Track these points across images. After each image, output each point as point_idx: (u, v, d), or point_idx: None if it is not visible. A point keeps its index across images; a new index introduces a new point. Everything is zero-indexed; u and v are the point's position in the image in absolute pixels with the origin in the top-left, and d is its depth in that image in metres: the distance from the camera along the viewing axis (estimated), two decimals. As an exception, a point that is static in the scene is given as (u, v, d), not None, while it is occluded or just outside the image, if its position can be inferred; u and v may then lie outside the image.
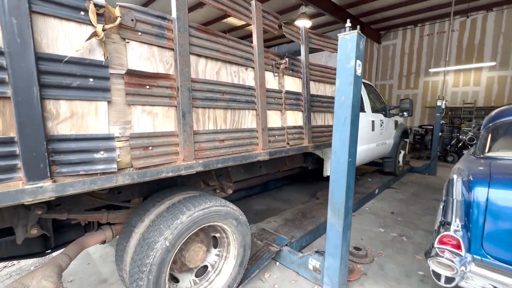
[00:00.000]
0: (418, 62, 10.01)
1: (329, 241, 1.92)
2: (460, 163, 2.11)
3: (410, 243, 2.87)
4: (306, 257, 2.18)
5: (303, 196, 4.43)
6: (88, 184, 1.10)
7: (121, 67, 1.22)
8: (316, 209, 3.53)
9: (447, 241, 1.59)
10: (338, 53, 1.71)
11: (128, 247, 1.62)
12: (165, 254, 1.47)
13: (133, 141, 1.25)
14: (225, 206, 1.79)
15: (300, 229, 2.84)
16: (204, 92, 1.57)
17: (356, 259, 2.47)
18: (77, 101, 1.08)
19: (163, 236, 1.48)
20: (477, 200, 1.64)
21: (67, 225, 1.88)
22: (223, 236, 1.94)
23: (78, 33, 1.07)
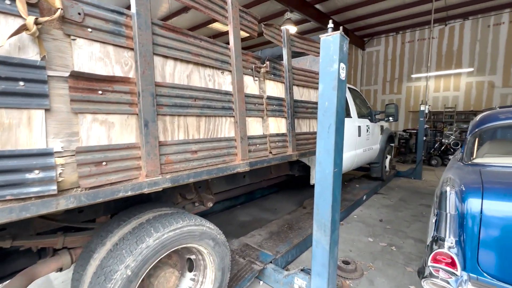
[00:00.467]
0: (400, 68, 10.29)
1: (316, 259, 1.77)
2: (450, 172, 2.01)
3: (400, 254, 2.77)
4: (292, 276, 2.03)
5: (290, 204, 4.28)
6: (16, 212, 0.89)
7: (65, 69, 1.02)
8: (303, 219, 3.39)
9: (442, 258, 1.49)
10: (321, 55, 1.59)
11: (85, 277, 1.39)
12: (125, 286, 1.26)
13: (81, 156, 1.04)
14: (200, 225, 1.60)
15: (285, 243, 2.68)
16: (173, 97, 1.39)
17: (345, 274, 2.34)
18: (1, 109, 0.87)
19: (124, 264, 1.27)
20: (471, 212, 1.53)
21: (15, 252, 1.62)
22: (199, 259, 1.73)
23: (2, 26, 0.87)
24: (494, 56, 8.24)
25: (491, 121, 2.32)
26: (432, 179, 6.20)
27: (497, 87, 8.29)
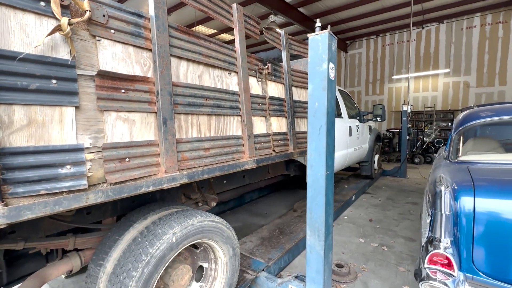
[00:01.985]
0: (382, 69, 10.76)
1: (310, 266, 1.72)
2: (440, 170, 2.00)
3: (392, 253, 2.80)
4: (286, 284, 1.94)
5: (280, 208, 4.25)
6: (51, 206, 0.91)
7: (91, 68, 1.06)
8: (294, 223, 3.37)
9: (438, 260, 1.46)
10: (309, 55, 1.57)
11: (103, 272, 1.40)
12: (146, 279, 1.29)
13: (107, 153, 1.08)
14: (218, 222, 1.65)
15: (277, 249, 2.61)
16: (187, 97, 1.45)
17: (339, 278, 2.31)
18: (36, 106, 0.90)
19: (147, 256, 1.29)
20: (464, 211, 1.51)
21: (24, 255, 1.59)
22: (211, 268, 1.77)
23: (38, 27, 0.90)
24: (468, 57, 8.80)
25: (474, 119, 2.39)
26: (417, 177, 6.42)
27: (472, 87, 8.85)
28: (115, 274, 1.28)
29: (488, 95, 8.62)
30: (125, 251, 1.34)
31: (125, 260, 1.30)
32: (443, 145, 4.08)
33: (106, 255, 1.38)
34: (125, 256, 1.31)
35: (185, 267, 1.61)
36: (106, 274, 1.34)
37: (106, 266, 1.34)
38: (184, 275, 1.60)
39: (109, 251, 1.38)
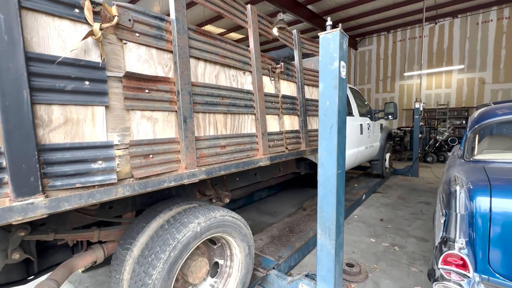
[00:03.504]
0: (393, 66, 10.55)
1: (321, 264, 1.72)
2: (455, 170, 1.96)
3: (403, 253, 2.75)
4: (296, 282, 1.93)
5: (289, 207, 4.24)
6: (85, 198, 0.98)
7: (119, 70, 1.13)
8: (304, 221, 3.36)
9: (452, 260, 1.44)
10: (320, 53, 1.56)
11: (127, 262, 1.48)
12: (169, 268, 1.35)
13: (133, 149, 1.15)
14: (233, 217, 1.71)
15: (287, 247, 2.61)
16: (204, 96, 1.50)
17: (350, 277, 2.29)
18: (71, 106, 0.97)
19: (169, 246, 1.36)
20: (480, 211, 1.48)
21: (52, 247, 1.69)
22: (226, 265, 1.84)
23: (72, 32, 0.97)
24: (483, 53, 8.52)
25: (490, 117, 2.32)
26: (429, 176, 6.26)
27: (487, 83, 8.57)
28: (143, 257, 1.36)
29: (505, 92, 8.34)
30: (152, 236, 1.43)
31: (153, 243, 1.38)
32: (457, 144, 3.97)
33: (133, 240, 1.46)
34: (153, 240, 1.40)
35: (203, 260, 1.67)
36: (133, 258, 1.42)
37: (133, 250, 1.42)
38: (201, 267, 1.67)
39: (136, 236, 1.46)
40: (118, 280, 1.47)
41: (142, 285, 1.30)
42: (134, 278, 1.35)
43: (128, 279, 1.43)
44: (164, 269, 1.30)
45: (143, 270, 1.33)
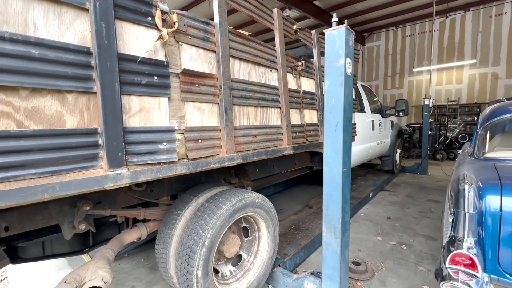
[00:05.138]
0: (402, 62, 10.48)
1: (326, 263, 1.71)
2: (464, 168, 1.94)
3: (411, 252, 2.72)
4: (301, 280, 1.96)
5: (295, 204, 4.24)
6: (154, 173, 1.20)
7: (176, 67, 1.34)
8: (309, 219, 3.39)
9: (460, 260, 1.42)
10: (326, 50, 1.56)
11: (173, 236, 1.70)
12: (213, 240, 1.57)
13: (188, 134, 1.36)
14: (256, 197, 1.92)
15: (293, 245, 2.62)
16: (240, 90, 1.71)
17: (356, 276, 2.28)
18: (144, 96, 1.19)
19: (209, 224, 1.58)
20: (490, 210, 1.47)
21: (103, 224, 1.93)
22: (248, 261, 2.05)
23: (146, 36, 1.19)
24: (497, 47, 8.34)
25: (502, 113, 2.26)
26: (438, 174, 6.22)
27: (501, 78, 8.41)
28: (192, 222, 1.59)
29: (520, 88, 8.24)
30: (197, 211, 1.65)
31: (196, 219, 1.60)
32: (467, 141, 3.95)
33: (177, 216, 1.68)
34: (196, 215, 1.62)
35: (235, 237, 1.88)
36: (177, 235, 1.64)
37: (176, 227, 1.64)
38: (234, 244, 1.88)
39: (180, 212, 1.68)
40: (165, 256, 1.69)
41: (189, 258, 1.51)
42: (180, 253, 1.57)
43: (174, 255, 1.65)
44: (208, 238, 1.51)
45: (188, 246, 1.54)
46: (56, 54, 0.92)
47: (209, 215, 1.56)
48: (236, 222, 2.02)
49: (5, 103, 0.85)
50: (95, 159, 1.04)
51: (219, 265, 1.95)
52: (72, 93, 0.98)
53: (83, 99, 1.01)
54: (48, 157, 0.91)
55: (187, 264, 1.48)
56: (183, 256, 1.51)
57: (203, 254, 1.49)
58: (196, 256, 1.47)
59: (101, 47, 1.00)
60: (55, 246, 1.66)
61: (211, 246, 1.54)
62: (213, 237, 1.54)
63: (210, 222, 1.53)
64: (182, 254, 1.52)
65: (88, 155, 1.02)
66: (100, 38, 1.00)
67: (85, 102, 1.02)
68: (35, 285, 2.35)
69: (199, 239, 1.50)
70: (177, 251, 1.58)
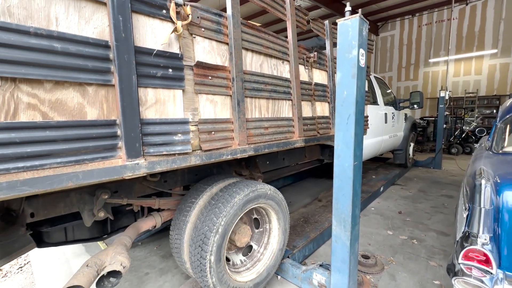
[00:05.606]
0: (417, 52, 10.08)
1: (335, 255, 1.72)
2: (481, 162, 1.90)
3: (422, 247, 2.68)
4: (310, 271, 1.98)
5: (304, 197, 4.24)
6: (170, 163, 1.24)
7: (190, 60, 1.36)
8: (319, 212, 3.40)
9: (474, 256, 1.40)
10: (338, 41, 1.52)
11: (188, 223, 1.76)
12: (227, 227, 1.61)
13: (201, 126, 1.39)
14: (268, 189, 1.94)
15: (302, 237, 2.66)
16: (252, 83, 1.71)
17: (365, 269, 2.27)
18: (160, 89, 1.22)
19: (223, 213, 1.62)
20: (507, 206, 1.44)
21: (121, 212, 2.01)
22: (258, 251, 2.10)
23: (161, 29, 1.20)
24: None
25: None
26: (453, 169, 6.04)
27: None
28: (207, 210, 1.64)
29: (543, 79, 7.82)
30: (211, 199, 1.70)
31: (210, 207, 1.65)
32: (485, 135, 3.83)
33: (192, 204, 1.74)
34: (210, 203, 1.67)
35: (247, 227, 1.92)
36: (191, 222, 1.70)
37: (191, 214, 1.70)
38: (246, 234, 1.92)
39: (194, 201, 1.74)
40: (179, 242, 1.75)
41: (203, 243, 1.57)
42: (194, 238, 1.62)
43: (188, 240, 1.71)
44: (222, 226, 1.56)
45: (202, 232, 1.58)
46: (77, 47, 0.95)
47: (223, 204, 1.60)
48: (248, 213, 2.06)
49: (32, 95, 0.89)
50: (114, 149, 1.08)
51: (230, 254, 2.00)
52: (92, 85, 1.02)
53: (102, 91, 1.05)
54: (72, 147, 0.96)
55: (201, 250, 1.53)
56: (197, 242, 1.56)
57: (216, 241, 1.53)
58: (210, 242, 1.51)
59: (118, 40, 1.02)
60: (76, 232, 1.75)
61: (224, 233, 1.58)
62: (226, 225, 1.58)
63: (224, 210, 1.57)
64: (196, 240, 1.57)
65: (108, 146, 1.06)
66: (117, 32, 1.02)
67: (104, 94, 1.05)
68: (55, 269, 2.49)
69: (213, 225, 1.55)
70: (191, 237, 1.64)
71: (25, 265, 2.65)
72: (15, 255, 1.43)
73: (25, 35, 0.85)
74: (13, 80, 0.86)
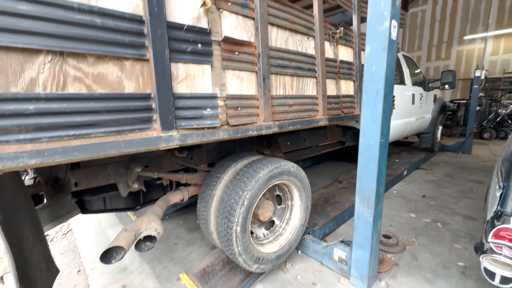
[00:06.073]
0: (451, 29, 9.29)
1: (358, 232, 1.74)
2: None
3: (446, 230, 2.62)
4: (331, 247, 2.03)
5: (324, 180, 4.21)
6: (200, 137, 1.29)
7: (218, 35, 1.37)
8: (339, 193, 3.41)
9: (506, 235, 1.37)
10: (369, 13, 1.45)
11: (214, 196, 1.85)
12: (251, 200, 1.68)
13: (229, 101, 1.42)
14: (292, 166, 1.98)
15: (322, 216, 2.70)
16: (277, 59, 1.70)
17: (386, 248, 2.28)
18: (190, 64, 1.25)
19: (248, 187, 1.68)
20: None
21: (151, 186, 2.14)
22: (280, 226, 2.15)
23: (190, 3, 1.22)
24: None
25: None
26: (484, 154, 5.70)
27: None
28: (232, 184, 1.71)
29: None
30: (236, 174, 1.77)
31: (236, 181, 1.73)
32: None
33: (217, 179, 1.83)
34: (235, 178, 1.75)
35: (270, 203, 1.99)
36: (217, 196, 1.79)
37: (217, 188, 1.78)
38: (269, 209, 1.99)
39: (220, 176, 1.83)
40: (206, 214, 1.85)
41: (230, 214, 1.65)
42: (221, 210, 1.71)
43: (214, 212, 1.80)
44: (247, 199, 1.63)
45: (229, 204, 1.66)
46: (115, 22, 1.00)
47: (248, 178, 1.66)
48: (271, 190, 2.11)
49: (77, 69, 0.96)
50: (150, 121, 1.15)
51: (253, 228, 2.09)
52: (129, 60, 1.07)
53: (138, 66, 1.10)
54: (113, 118, 1.03)
55: (227, 220, 1.62)
56: (223, 213, 1.65)
57: (242, 213, 1.61)
58: (236, 213, 1.59)
59: (152, 14, 1.05)
60: (114, 202, 1.91)
61: (249, 206, 1.65)
62: (251, 198, 1.65)
63: (249, 184, 1.63)
64: (223, 211, 1.66)
65: (144, 118, 1.12)
66: (151, 6, 1.05)
67: (139, 68, 1.11)
68: (93, 237, 2.75)
69: (239, 198, 1.62)
70: (218, 209, 1.73)
71: (68, 232, 2.94)
72: (63, 219, 1.60)
73: (70, 10, 0.90)
74: (61, 54, 0.92)
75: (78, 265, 2.32)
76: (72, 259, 2.42)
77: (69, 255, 2.48)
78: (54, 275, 1.26)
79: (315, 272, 2.06)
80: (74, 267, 2.30)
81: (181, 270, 2.13)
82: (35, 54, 0.87)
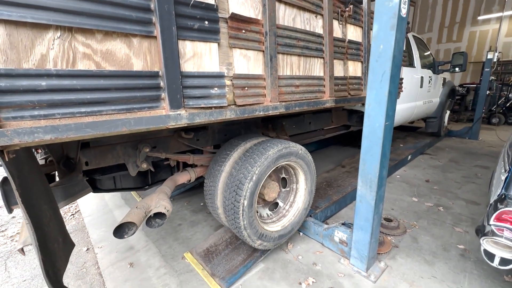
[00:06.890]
0: (464, 8, 8.85)
1: (359, 214, 1.75)
2: None
3: (448, 214, 2.63)
4: (332, 229, 2.06)
5: (327, 164, 4.24)
6: (208, 116, 1.30)
7: (224, 12, 1.34)
8: (342, 177, 3.44)
9: (508, 218, 1.37)
10: None
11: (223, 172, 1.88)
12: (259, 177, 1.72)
13: (236, 81, 1.41)
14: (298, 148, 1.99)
15: (324, 199, 2.74)
16: (284, 38, 1.66)
17: (387, 231, 2.30)
18: (197, 42, 1.23)
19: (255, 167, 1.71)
20: None
21: (159, 166, 2.19)
22: (284, 208, 2.19)
23: (196, -23, 1.18)
24: None
25: None
26: (492, 140, 5.59)
27: None
28: (242, 160, 1.75)
29: None
30: (245, 152, 1.81)
31: (251, 152, 1.77)
32: None
33: (226, 156, 1.86)
34: (245, 155, 1.78)
35: (275, 184, 2.02)
36: (225, 172, 1.83)
37: (226, 164, 1.82)
38: (274, 190, 2.03)
39: (229, 153, 1.86)
40: (213, 189, 1.90)
41: (238, 188, 1.68)
42: (229, 185, 1.75)
43: (222, 187, 1.84)
44: (256, 174, 1.66)
45: (238, 178, 1.69)
46: (121, -3, 0.98)
47: (257, 155, 1.70)
48: (277, 173, 2.14)
49: (86, 45, 0.96)
50: (159, 100, 1.15)
51: (258, 207, 2.14)
52: (136, 37, 1.06)
53: (145, 43, 1.09)
54: (122, 95, 1.04)
55: (235, 194, 1.66)
56: (232, 187, 1.70)
57: (250, 187, 1.65)
58: (244, 187, 1.64)
59: (159, -11, 1.03)
60: (123, 181, 1.96)
61: (257, 182, 1.69)
62: (260, 175, 1.68)
63: (258, 161, 1.66)
64: (231, 185, 1.70)
65: (153, 96, 1.13)
66: (158, -20, 1.03)
67: (147, 46, 1.10)
68: (101, 217, 2.85)
69: (248, 173, 1.66)
70: (225, 184, 1.77)
71: (76, 213, 3.04)
72: (76, 197, 1.66)
73: (77, -17, 0.89)
74: (70, 30, 0.92)
75: (87, 243, 2.42)
76: (81, 238, 2.52)
77: (78, 234, 2.59)
78: (70, 248, 1.32)
79: (316, 252, 2.11)
80: (83, 245, 2.40)
81: (185, 250, 2.21)
82: (44, 29, 0.87)
